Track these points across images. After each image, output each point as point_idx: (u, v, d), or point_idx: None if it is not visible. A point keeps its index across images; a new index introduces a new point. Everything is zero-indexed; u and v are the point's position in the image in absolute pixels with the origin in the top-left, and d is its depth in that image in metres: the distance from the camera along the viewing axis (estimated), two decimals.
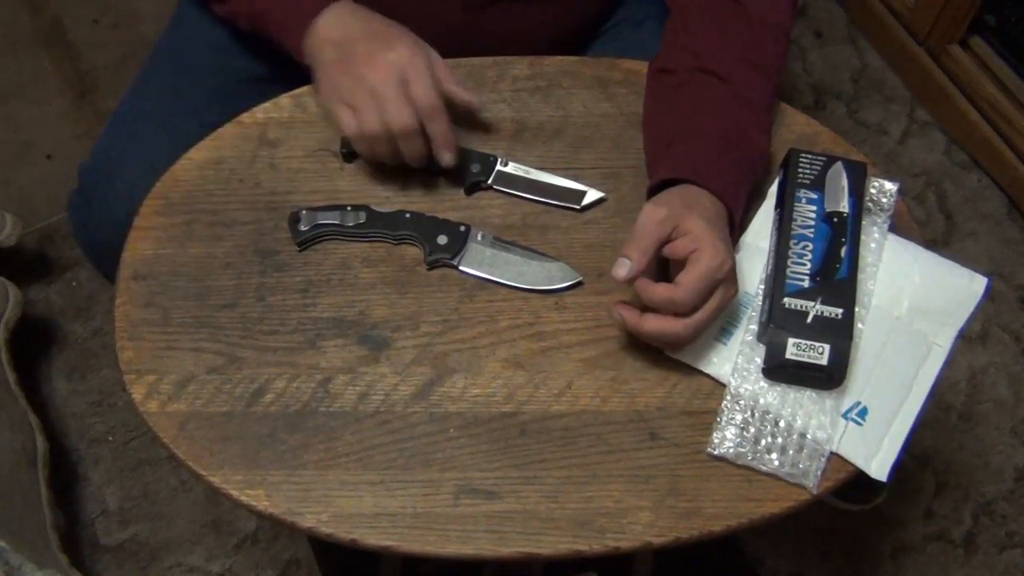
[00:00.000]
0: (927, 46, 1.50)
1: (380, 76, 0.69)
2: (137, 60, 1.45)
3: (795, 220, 0.69)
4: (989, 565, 1.20)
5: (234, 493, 0.63)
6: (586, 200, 0.75)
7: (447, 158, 0.72)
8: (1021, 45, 1.38)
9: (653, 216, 0.64)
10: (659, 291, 0.63)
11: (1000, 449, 1.28)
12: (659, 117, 0.75)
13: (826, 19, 1.67)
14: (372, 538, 0.62)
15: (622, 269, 0.63)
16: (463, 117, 0.79)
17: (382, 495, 0.63)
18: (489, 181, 0.76)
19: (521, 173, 0.76)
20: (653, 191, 0.70)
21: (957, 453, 1.27)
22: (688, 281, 0.62)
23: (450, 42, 0.79)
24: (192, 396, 0.66)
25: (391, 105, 0.69)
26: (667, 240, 0.64)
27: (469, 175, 0.76)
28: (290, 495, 0.63)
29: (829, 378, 0.65)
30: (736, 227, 0.69)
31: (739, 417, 0.65)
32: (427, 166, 0.74)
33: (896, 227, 0.72)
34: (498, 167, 0.76)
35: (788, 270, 0.67)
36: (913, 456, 1.26)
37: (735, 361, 0.67)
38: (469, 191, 0.76)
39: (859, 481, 0.65)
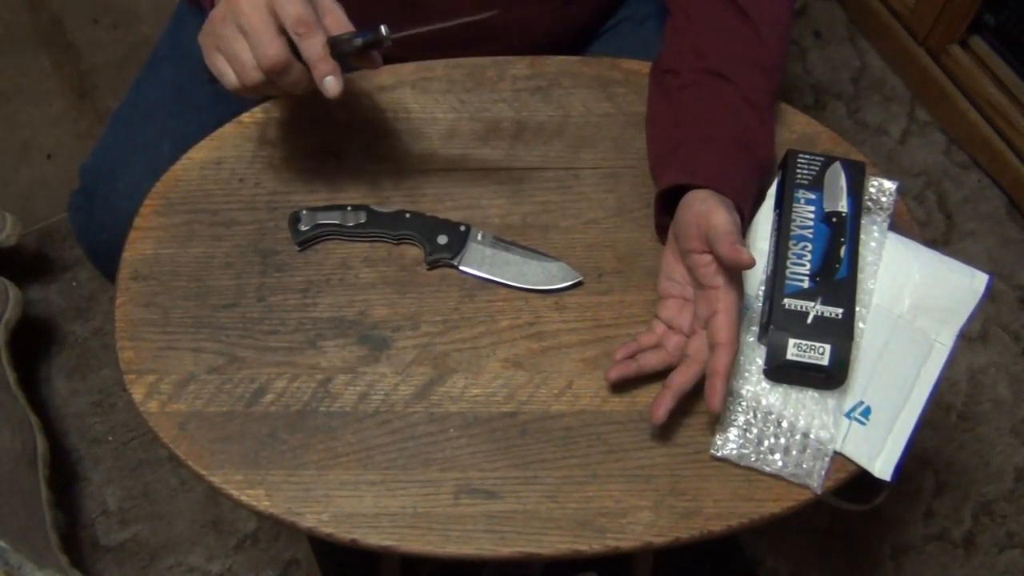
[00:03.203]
0: (927, 46, 1.50)
1: (246, 10, 0.62)
2: (137, 60, 1.45)
3: (794, 221, 0.69)
4: (989, 565, 1.20)
5: (234, 493, 0.63)
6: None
7: (329, 85, 0.63)
8: (1021, 45, 1.38)
9: (734, 224, 0.64)
10: (724, 362, 0.62)
11: (1000, 449, 1.28)
12: (665, 119, 0.74)
13: (826, 19, 1.67)
14: (372, 538, 0.62)
15: (749, 256, 0.61)
16: (463, 117, 0.79)
17: (382, 495, 0.63)
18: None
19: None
20: (664, 196, 0.70)
21: (957, 453, 1.27)
22: (732, 332, 0.63)
23: (452, 32, 0.78)
24: (192, 396, 0.66)
25: (259, 38, 0.61)
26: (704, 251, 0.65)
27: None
28: (290, 495, 0.63)
29: (830, 378, 0.65)
30: (744, 232, 0.69)
31: (741, 418, 0.65)
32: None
33: (896, 226, 0.72)
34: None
35: (787, 271, 0.67)
36: (913, 456, 1.26)
37: (736, 362, 0.67)
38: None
39: (859, 481, 0.65)
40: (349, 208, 0.73)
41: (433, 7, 0.82)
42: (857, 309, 0.67)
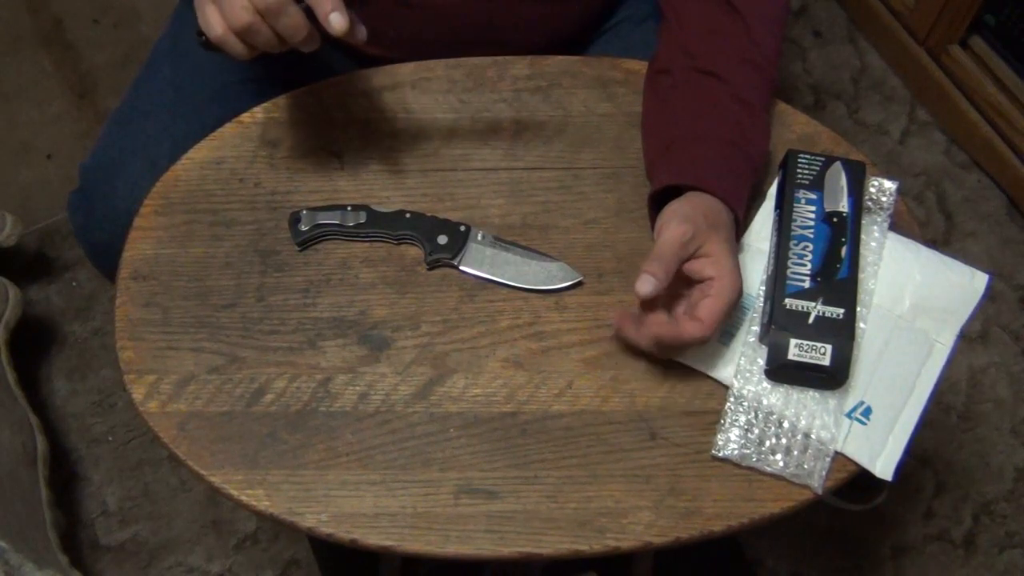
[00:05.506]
0: (927, 46, 1.50)
1: None
2: (137, 60, 1.45)
3: (795, 221, 0.69)
4: (989, 565, 1.20)
5: (234, 493, 0.63)
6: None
7: (335, 20, 0.60)
8: (1021, 45, 1.38)
9: (679, 235, 0.64)
10: (688, 331, 0.63)
11: (1000, 449, 1.28)
12: (658, 120, 0.74)
13: (826, 19, 1.67)
14: (372, 538, 0.62)
15: (647, 286, 0.62)
16: (463, 117, 0.79)
17: (382, 495, 0.63)
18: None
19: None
20: (656, 197, 0.70)
21: (957, 453, 1.27)
22: (712, 316, 0.63)
23: (451, 32, 0.78)
24: (192, 396, 0.66)
25: None
26: (689, 258, 0.65)
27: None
28: (290, 495, 0.63)
29: (832, 378, 0.65)
30: (740, 230, 0.69)
31: (743, 419, 0.65)
32: (327, 50, 0.63)
33: (896, 226, 0.72)
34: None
35: (788, 271, 0.67)
36: (913, 456, 1.26)
37: (737, 363, 0.67)
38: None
39: (859, 481, 0.65)
40: (349, 208, 0.73)
41: (427, 6, 0.82)
42: (858, 309, 0.67)
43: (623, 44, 0.89)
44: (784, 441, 0.65)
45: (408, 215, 0.73)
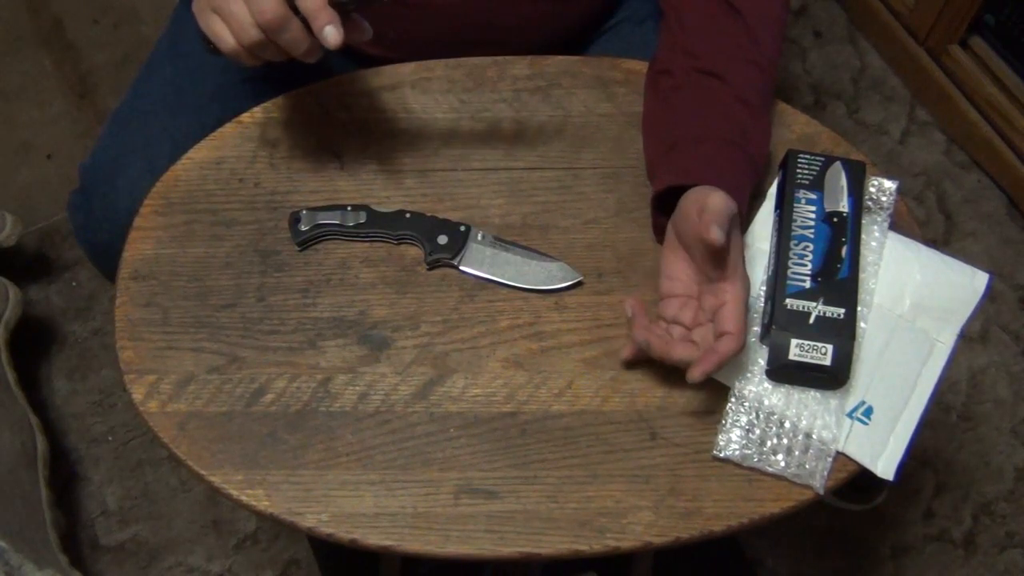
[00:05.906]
0: (927, 46, 1.50)
1: None
2: (137, 60, 1.45)
3: (795, 221, 0.69)
4: (989, 565, 1.20)
5: (234, 493, 0.63)
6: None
7: (330, 34, 0.61)
8: (1021, 45, 1.38)
9: (730, 204, 0.64)
10: (725, 350, 0.62)
11: (1000, 449, 1.28)
12: (659, 121, 0.74)
13: (826, 19, 1.67)
14: (372, 538, 0.62)
15: (715, 234, 0.61)
16: (463, 117, 0.79)
17: (382, 495, 0.63)
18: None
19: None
20: (660, 198, 0.70)
21: (957, 453, 1.27)
22: (740, 323, 0.63)
23: (451, 32, 0.78)
24: (192, 396, 0.66)
25: None
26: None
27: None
28: (290, 495, 0.63)
29: (833, 378, 0.65)
30: (743, 232, 0.70)
31: (744, 419, 0.65)
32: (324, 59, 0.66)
33: (896, 226, 0.72)
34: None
35: (789, 271, 0.67)
36: (913, 456, 1.25)
37: (738, 363, 0.67)
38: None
39: (859, 481, 0.65)
40: (349, 208, 0.73)
41: (427, 6, 0.82)
42: (858, 309, 0.67)
43: (623, 44, 0.89)
44: (785, 441, 0.65)
45: (408, 215, 0.73)
